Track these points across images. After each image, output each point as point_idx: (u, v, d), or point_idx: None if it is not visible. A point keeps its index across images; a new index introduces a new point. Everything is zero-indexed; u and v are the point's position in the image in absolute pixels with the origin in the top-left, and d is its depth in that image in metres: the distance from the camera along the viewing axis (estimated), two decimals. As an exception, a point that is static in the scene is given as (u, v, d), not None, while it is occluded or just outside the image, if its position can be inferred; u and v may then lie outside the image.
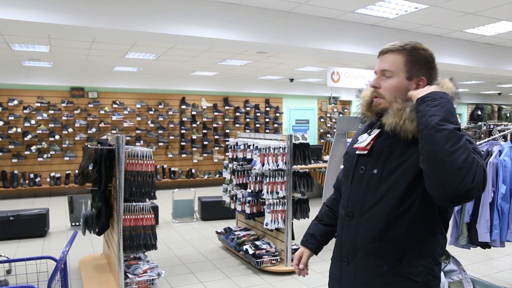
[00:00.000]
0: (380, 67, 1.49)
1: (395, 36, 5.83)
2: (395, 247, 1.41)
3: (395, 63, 1.46)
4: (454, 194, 1.21)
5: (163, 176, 10.20)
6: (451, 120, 1.27)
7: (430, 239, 1.43)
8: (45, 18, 3.97)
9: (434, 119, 1.27)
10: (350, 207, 1.53)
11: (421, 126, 1.31)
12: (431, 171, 1.25)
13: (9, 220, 5.64)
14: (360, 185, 1.50)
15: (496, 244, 3.49)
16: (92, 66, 8.53)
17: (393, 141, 1.45)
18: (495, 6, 4.73)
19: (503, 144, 3.63)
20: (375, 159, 1.48)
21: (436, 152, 1.23)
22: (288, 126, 12.09)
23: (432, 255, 1.43)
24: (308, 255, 1.79)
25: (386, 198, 1.42)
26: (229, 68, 8.77)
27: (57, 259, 2.31)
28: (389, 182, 1.42)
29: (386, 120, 1.45)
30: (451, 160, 1.20)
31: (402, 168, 1.40)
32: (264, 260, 4.48)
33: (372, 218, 1.45)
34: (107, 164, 4.02)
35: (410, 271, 1.40)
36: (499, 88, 13.46)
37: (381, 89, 1.48)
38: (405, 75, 1.45)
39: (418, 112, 1.34)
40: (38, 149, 9.06)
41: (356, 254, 1.48)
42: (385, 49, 1.50)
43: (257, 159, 4.56)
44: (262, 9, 4.88)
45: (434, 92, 1.34)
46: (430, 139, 1.26)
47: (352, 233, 1.50)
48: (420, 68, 1.46)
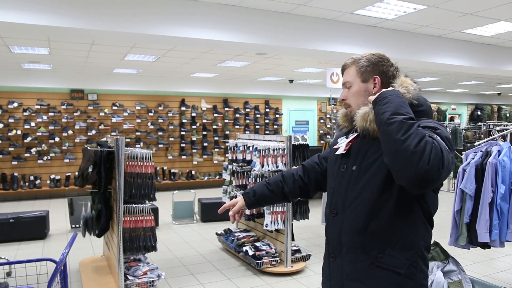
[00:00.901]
0: (343, 82, 1.69)
1: (393, 36, 5.85)
2: (377, 240, 1.48)
3: (351, 74, 1.66)
4: (415, 177, 1.27)
5: (163, 177, 10.20)
6: (401, 112, 1.36)
7: (412, 232, 1.48)
8: (44, 20, 3.97)
9: (385, 115, 1.37)
10: (334, 204, 1.62)
11: (377, 125, 1.42)
12: (391, 162, 1.34)
13: (9, 223, 5.64)
14: (342, 182, 1.61)
15: (496, 244, 3.50)
16: (92, 68, 8.54)
17: (369, 140, 1.56)
18: (493, 6, 4.74)
19: (502, 144, 3.63)
20: (354, 157, 1.60)
21: (391, 144, 1.32)
22: (288, 127, 12.09)
23: (415, 248, 1.48)
24: (241, 205, 1.87)
25: (365, 192, 1.51)
26: (228, 69, 8.78)
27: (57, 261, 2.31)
28: (367, 176, 1.52)
29: (356, 124, 1.58)
30: (404, 147, 1.28)
31: (378, 163, 1.50)
32: (264, 261, 4.48)
33: (354, 212, 1.53)
34: (107, 166, 4.02)
35: (392, 263, 1.46)
36: (498, 88, 13.48)
37: (347, 99, 1.67)
38: (360, 79, 1.63)
39: (374, 114, 1.46)
40: (38, 151, 9.06)
41: (342, 249, 1.56)
42: (342, 67, 1.71)
43: (256, 160, 4.56)
44: (261, 10, 4.89)
45: (383, 92, 1.46)
46: (385, 133, 1.36)
47: (337, 228, 1.58)
48: (372, 69, 1.63)
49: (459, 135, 9.43)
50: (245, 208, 1.89)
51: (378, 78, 1.62)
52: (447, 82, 11.50)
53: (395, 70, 1.64)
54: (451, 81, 11.26)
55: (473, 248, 3.71)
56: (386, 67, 1.63)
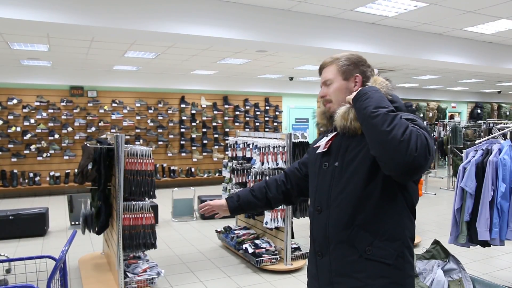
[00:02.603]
0: (322, 80, 1.72)
1: (394, 34, 5.83)
2: (364, 233, 1.50)
3: (331, 72, 1.69)
4: (404, 165, 1.31)
5: (163, 175, 10.19)
6: (382, 106, 1.41)
7: (398, 223, 1.52)
8: (44, 17, 3.96)
9: (368, 109, 1.42)
10: (318, 201, 1.63)
11: (360, 120, 1.46)
12: (380, 153, 1.37)
13: (8, 220, 5.64)
14: (325, 179, 1.62)
15: (496, 242, 3.49)
16: (92, 65, 8.52)
17: (348, 137, 1.60)
18: (494, 4, 4.73)
19: (502, 143, 3.62)
20: (336, 154, 1.62)
21: (377, 136, 1.36)
22: (288, 124, 12.08)
23: (401, 239, 1.52)
24: (223, 205, 1.92)
25: (350, 186, 1.53)
26: (228, 66, 8.76)
27: (57, 258, 2.31)
28: (350, 171, 1.54)
29: (336, 123, 1.61)
30: (391, 137, 1.32)
31: (359, 157, 1.53)
32: (263, 259, 4.48)
33: (339, 207, 1.54)
34: (107, 163, 4.02)
35: (381, 254, 1.48)
36: (498, 86, 13.47)
37: (328, 96, 1.69)
38: (341, 77, 1.67)
39: (356, 110, 1.50)
40: (37, 148, 9.05)
41: (329, 245, 1.56)
42: (321, 65, 1.74)
43: (256, 158, 4.56)
44: (261, 7, 4.87)
45: (362, 89, 1.51)
46: (370, 127, 1.40)
47: (323, 225, 1.59)
48: (353, 68, 1.67)
49: (459, 133, 9.42)
50: (226, 211, 1.92)
51: (360, 77, 1.66)
52: (448, 80, 11.49)
53: (372, 71, 1.70)
54: (452, 79, 11.25)
55: (473, 247, 3.70)
56: (365, 67, 1.68)
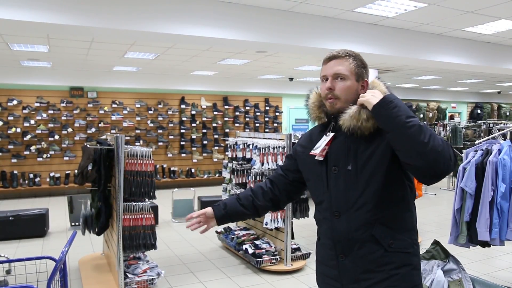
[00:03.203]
0: (333, 71, 1.62)
1: (394, 35, 5.84)
2: (386, 229, 1.56)
3: (346, 67, 1.62)
4: (441, 173, 1.41)
5: (163, 175, 10.19)
6: (412, 115, 1.44)
7: (409, 214, 1.63)
8: (44, 17, 3.96)
9: (400, 119, 1.42)
10: (335, 206, 1.62)
11: (390, 128, 1.45)
12: (417, 162, 1.41)
13: (8, 220, 5.63)
14: (338, 184, 1.61)
15: (496, 242, 3.49)
16: (91, 65, 8.53)
17: (355, 139, 1.60)
18: (494, 4, 4.73)
19: (502, 143, 3.63)
20: (345, 157, 1.61)
21: (416, 146, 1.39)
22: (288, 125, 12.08)
23: (413, 228, 1.64)
24: (210, 215, 1.81)
25: (369, 188, 1.56)
26: (228, 67, 8.77)
27: (57, 259, 2.31)
28: (366, 173, 1.56)
29: (343, 123, 1.59)
30: (430, 148, 1.38)
31: (374, 159, 1.55)
32: (263, 260, 4.48)
33: (360, 210, 1.57)
34: (107, 164, 4.02)
35: (402, 245, 1.58)
36: (498, 86, 13.47)
37: (336, 91, 1.62)
38: (355, 77, 1.63)
39: (380, 117, 1.48)
40: (37, 149, 9.05)
41: (354, 246, 1.58)
42: (333, 55, 1.65)
43: (256, 158, 4.56)
44: (261, 8, 4.87)
45: (386, 96, 1.49)
46: (405, 137, 1.41)
47: (344, 228, 1.59)
48: (363, 72, 1.66)
49: (459, 133, 9.42)
50: (212, 219, 1.81)
51: (367, 82, 1.65)
52: (447, 80, 11.49)
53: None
54: (451, 79, 11.25)
55: (473, 247, 3.70)
56: (368, 71, 1.68)
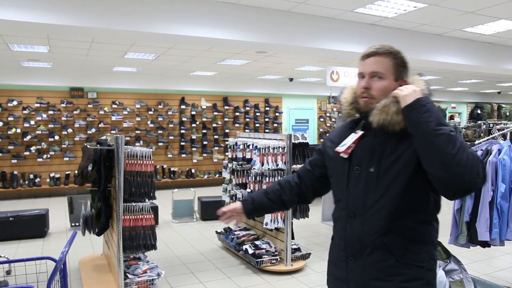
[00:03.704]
0: (371, 69, 1.54)
1: (394, 35, 5.84)
2: (401, 238, 1.48)
3: (385, 65, 1.53)
4: (465, 189, 1.33)
5: (163, 176, 10.19)
6: (443, 123, 1.36)
7: (429, 226, 1.53)
8: (44, 18, 3.96)
9: (429, 125, 1.35)
10: (351, 207, 1.56)
11: (418, 133, 1.39)
12: (440, 174, 1.34)
13: (9, 221, 5.63)
14: (358, 185, 1.55)
15: (496, 243, 3.49)
16: (92, 66, 8.53)
17: (382, 140, 1.52)
18: (494, 5, 4.73)
19: (502, 143, 3.62)
20: (370, 158, 1.54)
21: (441, 157, 1.32)
22: (288, 125, 12.08)
23: (432, 241, 1.55)
24: (239, 210, 1.83)
25: (388, 194, 1.48)
26: (228, 67, 8.77)
27: (57, 260, 2.31)
28: (388, 178, 1.49)
29: (373, 118, 1.51)
30: (457, 161, 1.30)
31: (398, 164, 1.47)
32: (263, 260, 4.48)
33: (376, 215, 1.50)
34: (107, 165, 4.01)
35: (416, 258, 1.49)
36: (498, 87, 13.47)
37: (372, 90, 1.54)
38: (393, 77, 1.54)
39: (409, 120, 1.42)
40: (37, 149, 9.05)
41: (363, 251, 1.52)
42: (371, 52, 1.55)
43: (256, 158, 4.56)
44: (261, 8, 4.87)
45: (420, 99, 1.41)
46: (431, 145, 1.34)
47: (357, 231, 1.54)
48: (403, 70, 1.56)
49: (459, 133, 9.44)
50: (242, 214, 1.84)
51: (406, 82, 1.55)
52: (447, 80, 11.49)
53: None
54: (451, 79, 11.25)
55: (473, 247, 3.70)
56: (408, 71, 1.58)
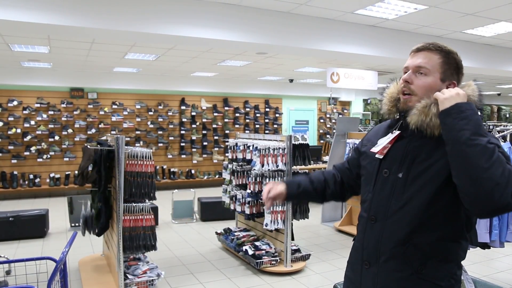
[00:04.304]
0: (416, 63, 1.45)
1: (394, 36, 5.85)
2: (419, 252, 1.39)
3: (432, 61, 1.44)
4: (493, 208, 1.21)
5: (163, 176, 10.19)
6: (481, 133, 1.24)
7: (455, 244, 1.42)
8: (44, 19, 3.97)
9: (464, 133, 1.24)
10: (373, 210, 1.50)
11: (450, 141, 1.29)
12: (467, 187, 1.23)
13: (8, 221, 5.63)
14: (384, 188, 1.47)
15: (496, 244, 3.50)
16: (92, 67, 8.54)
17: (418, 145, 1.43)
18: (494, 7, 4.74)
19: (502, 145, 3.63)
20: (400, 163, 1.45)
21: (471, 169, 1.21)
22: (288, 126, 12.09)
23: (456, 260, 1.43)
24: (281, 192, 1.69)
25: (412, 203, 1.39)
26: (228, 68, 8.78)
27: (57, 260, 2.31)
28: (415, 186, 1.40)
29: (411, 119, 1.42)
30: (488, 176, 1.18)
31: (429, 173, 1.38)
32: (263, 261, 4.48)
33: (397, 222, 1.42)
34: (107, 165, 4.02)
35: (434, 275, 1.39)
36: (498, 88, 13.47)
37: (414, 86, 1.45)
38: (440, 76, 1.44)
39: (444, 125, 1.32)
40: (37, 149, 9.05)
41: (379, 258, 1.45)
42: (422, 46, 1.47)
43: (256, 159, 4.56)
44: (261, 10, 4.88)
45: (459, 104, 1.31)
46: (463, 155, 1.24)
47: (375, 236, 1.47)
48: (453, 72, 1.46)
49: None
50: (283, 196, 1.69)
51: (455, 85, 1.46)
52: (447, 82, 11.49)
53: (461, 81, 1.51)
54: (451, 81, 11.24)
55: (473, 249, 3.71)
56: (462, 75, 1.48)
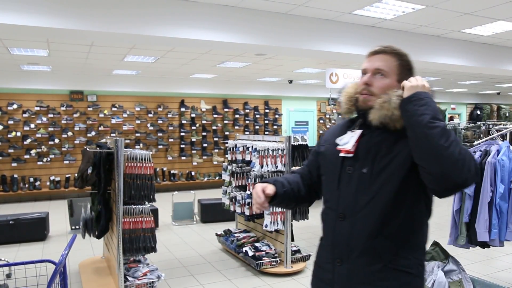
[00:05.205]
0: (374, 66, 1.54)
1: (393, 36, 5.85)
2: (390, 243, 1.45)
3: (389, 64, 1.53)
4: (455, 184, 1.31)
5: (163, 178, 10.19)
6: (439, 118, 1.36)
7: (420, 232, 1.51)
8: (43, 22, 3.97)
9: (424, 117, 1.34)
10: (342, 208, 1.53)
11: (412, 125, 1.37)
12: (431, 166, 1.32)
13: (9, 224, 5.64)
14: (350, 185, 1.52)
15: (495, 243, 3.50)
16: (91, 69, 8.54)
17: (378, 140, 1.50)
18: (492, 6, 4.75)
19: (501, 144, 3.63)
20: (363, 159, 1.51)
21: (433, 149, 1.31)
22: (287, 127, 12.10)
23: (423, 247, 1.53)
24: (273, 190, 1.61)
25: (379, 196, 1.45)
26: (228, 70, 8.79)
27: (57, 263, 2.31)
28: (380, 180, 1.46)
29: (373, 116, 1.49)
30: (448, 154, 1.29)
31: (392, 166, 1.45)
32: (263, 262, 4.48)
33: (366, 217, 1.47)
34: (106, 167, 4.02)
35: (405, 264, 1.46)
36: (497, 87, 13.48)
37: (373, 87, 1.53)
38: (397, 77, 1.53)
39: (406, 112, 1.40)
40: (37, 153, 9.06)
41: (351, 254, 1.49)
42: (378, 49, 1.56)
43: (256, 161, 4.57)
44: (260, 11, 4.89)
45: (418, 92, 1.41)
46: (424, 136, 1.33)
47: (346, 233, 1.50)
48: (407, 73, 1.55)
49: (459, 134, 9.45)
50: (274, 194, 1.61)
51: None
52: (447, 81, 11.51)
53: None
54: (450, 80, 11.27)
55: (472, 248, 3.71)
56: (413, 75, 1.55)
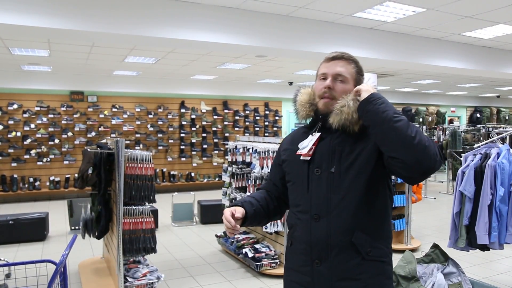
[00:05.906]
0: (335, 71, 1.62)
1: (393, 39, 5.86)
2: (367, 236, 1.53)
3: (349, 70, 1.63)
4: (428, 168, 1.40)
5: (163, 179, 10.20)
6: (399, 113, 1.46)
7: (387, 222, 1.61)
8: (44, 22, 3.98)
9: (388, 113, 1.44)
10: (315, 209, 1.56)
11: (377, 123, 1.46)
12: (404, 156, 1.40)
13: (8, 224, 5.63)
14: (320, 186, 1.57)
15: (495, 246, 3.50)
16: (92, 70, 8.55)
17: (340, 141, 1.58)
18: (492, 9, 4.76)
19: (501, 147, 3.64)
20: (329, 159, 1.58)
21: (402, 139, 1.40)
22: (288, 129, 12.10)
23: (389, 236, 1.63)
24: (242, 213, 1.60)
25: (351, 193, 1.53)
26: (228, 71, 8.80)
27: (57, 263, 2.31)
28: (349, 177, 1.53)
29: (333, 119, 1.57)
30: (418, 142, 1.38)
31: (358, 162, 1.53)
32: (263, 263, 4.48)
33: (341, 214, 1.53)
34: (107, 168, 4.02)
35: (379, 254, 1.55)
36: (497, 91, 13.50)
37: (335, 91, 1.61)
38: (354, 83, 1.64)
39: (367, 112, 1.49)
40: (37, 153, 9.06)
41: (331, 252, 1.53)
42: (337, 55, 1.65)
43: (256, 162, 4.57)
44: (260, 13, 4.90)
45: (374, 93, 1.51)
46: (393, 130, 1.41)
47: (324, 232, 1.54)
48: (360, 79, 1.67)
49: (459, 137, 9.44)
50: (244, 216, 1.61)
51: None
52: (446, 84, 11.53)
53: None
54: (450, 83, 11.28)
55: (472, 250, 3.71)
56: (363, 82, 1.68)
